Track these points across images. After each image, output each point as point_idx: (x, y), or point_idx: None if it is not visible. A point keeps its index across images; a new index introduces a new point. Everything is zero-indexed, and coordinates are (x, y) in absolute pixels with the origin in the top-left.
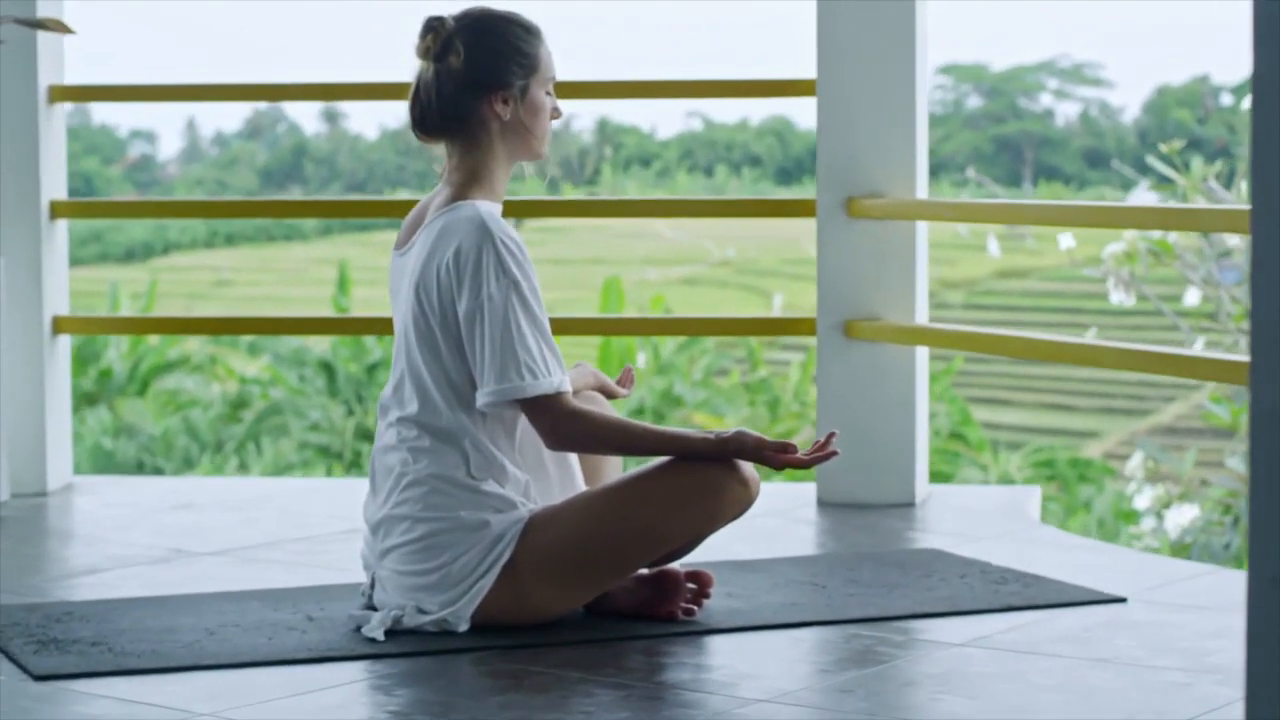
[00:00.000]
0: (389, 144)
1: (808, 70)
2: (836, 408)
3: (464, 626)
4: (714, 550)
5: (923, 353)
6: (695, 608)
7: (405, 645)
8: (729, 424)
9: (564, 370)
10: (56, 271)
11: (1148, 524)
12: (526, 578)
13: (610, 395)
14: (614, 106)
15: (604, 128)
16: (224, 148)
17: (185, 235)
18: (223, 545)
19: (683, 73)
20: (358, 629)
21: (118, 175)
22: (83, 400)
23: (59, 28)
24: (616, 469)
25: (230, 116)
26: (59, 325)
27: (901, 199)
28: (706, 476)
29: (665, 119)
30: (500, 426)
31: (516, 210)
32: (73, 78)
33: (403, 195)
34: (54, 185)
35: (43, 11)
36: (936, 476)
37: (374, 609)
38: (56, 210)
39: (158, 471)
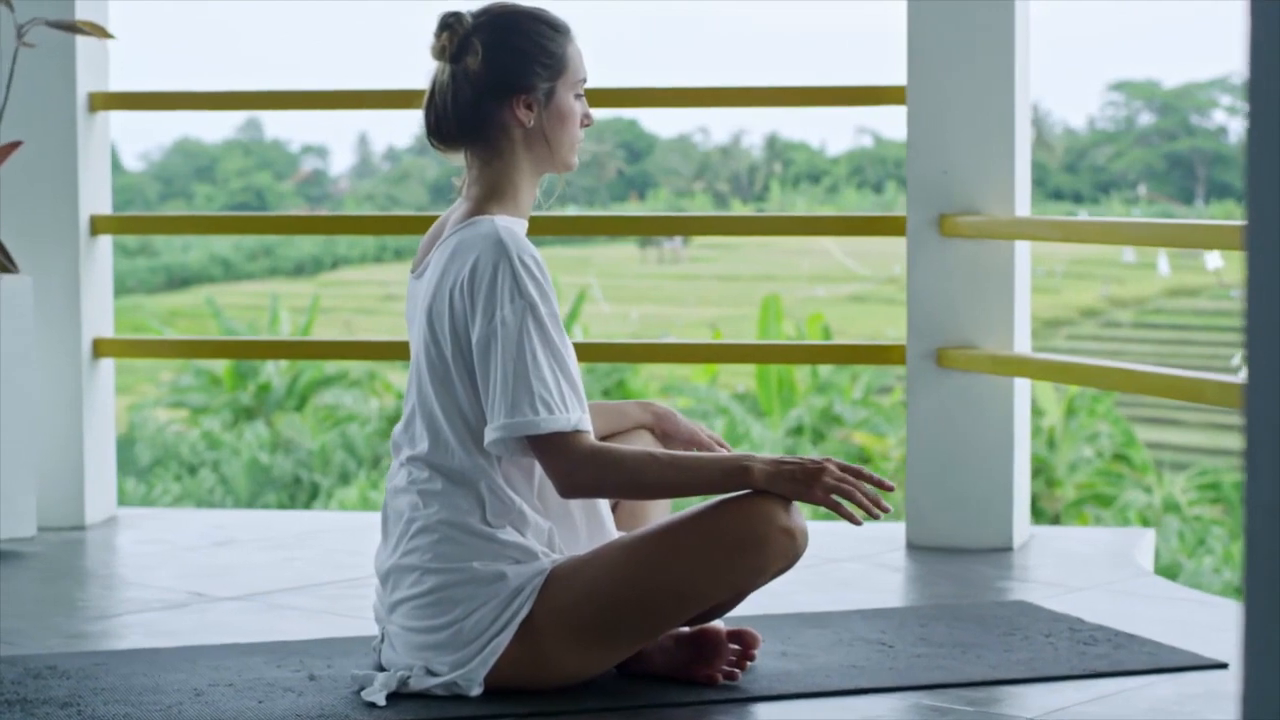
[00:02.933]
0: None
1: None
2: (928, 443)
3: (476, 690)
4: (777, 600)
5: (1023, 384)
6: (738, 670)
7: (408, 711)
8: (889, 444)
9: (584, 407)
10: (98, 290)
11: None
12: (546, 637)
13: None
14: (782, 122)
15: (773, 144)
16: (395, 163)
17: (354, 250)
18: (248, 589)
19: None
20: (360, 691)
21: (290, 190)
22: (241, 414)
23: (96, 31)
24: (659, 510)
25: (402, 132)
26: (100, 348)
27: (999, 216)
28: (747, 527)
29: (835, 135)
30: (517, 468)
31: (540, 227)
32: (118, 83)
33: (571, 210)
34: (96, 199)
35: (82, 13)
36: (1098, 500)
37: (383, 668)
38: (98, 226)
39: (314, 487)
